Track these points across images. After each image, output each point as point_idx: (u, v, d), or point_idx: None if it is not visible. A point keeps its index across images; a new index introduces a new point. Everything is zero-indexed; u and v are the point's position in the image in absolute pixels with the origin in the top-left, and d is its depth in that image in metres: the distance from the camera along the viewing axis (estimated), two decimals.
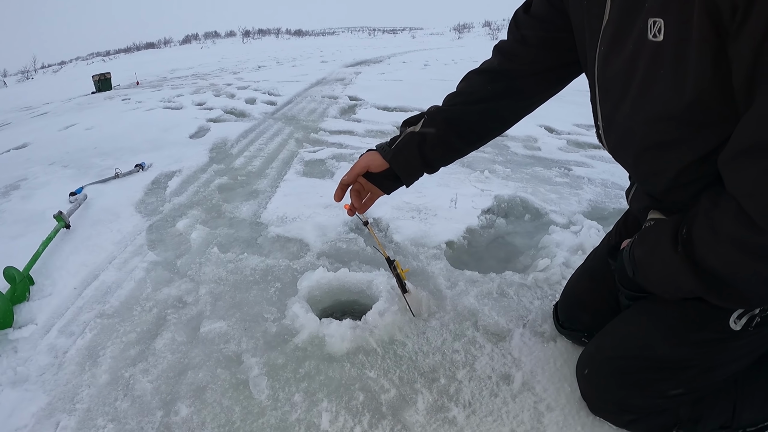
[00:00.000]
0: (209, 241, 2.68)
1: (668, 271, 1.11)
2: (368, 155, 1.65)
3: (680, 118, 1.01)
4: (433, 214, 2.88)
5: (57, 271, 2.42)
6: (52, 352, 1.86)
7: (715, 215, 0.98)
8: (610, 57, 1.15)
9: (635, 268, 1.24)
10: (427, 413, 1.52)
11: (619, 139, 1.26)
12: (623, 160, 1.31)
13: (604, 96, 1.25)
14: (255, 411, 1.54)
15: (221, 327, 1.93)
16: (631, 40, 1.05)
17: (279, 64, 17.17)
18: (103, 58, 61.57)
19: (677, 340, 1.27)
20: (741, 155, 0.90)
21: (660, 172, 1.16)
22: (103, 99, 10.13)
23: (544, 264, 2.28)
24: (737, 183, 0.93)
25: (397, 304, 1.93)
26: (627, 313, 1.46)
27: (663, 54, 0.98)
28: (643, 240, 1.23)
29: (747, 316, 1.16)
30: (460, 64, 14.70)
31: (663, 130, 1.07)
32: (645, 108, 1.08)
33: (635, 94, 1.09)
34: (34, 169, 4.28)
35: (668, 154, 1.10)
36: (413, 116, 1.66)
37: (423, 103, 6.51)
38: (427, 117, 1.61)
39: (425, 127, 1.59)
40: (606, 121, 1.28)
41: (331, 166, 3.97)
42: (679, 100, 0.99)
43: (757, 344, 1.26)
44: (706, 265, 1.02)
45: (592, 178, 3.64)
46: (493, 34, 61.67)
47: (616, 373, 1.39)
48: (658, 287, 1.20)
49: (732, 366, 1.31)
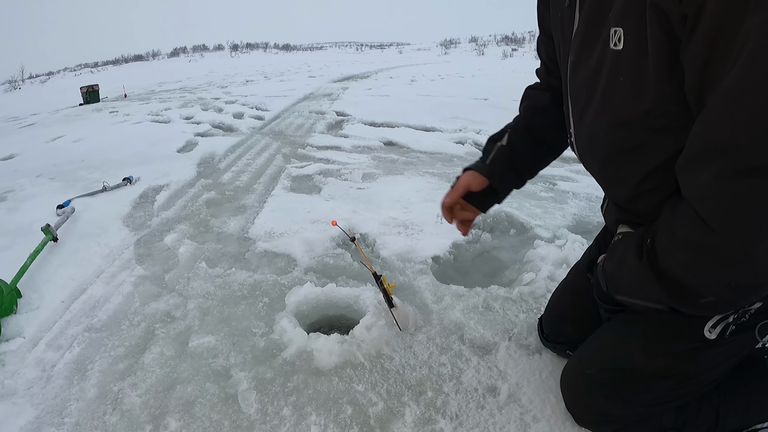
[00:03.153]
0: (197, 255, 2.69)
1: (635, 282, 1.15)
2: (467, 175, 1.63)
3: (640, 124, 1.05)
4: (419, 230, 2.91)
5: (45, 284, 2.41)
6: (40, 366, 1.85)
7: (674, 222, 1.02)
8: (578, 66, 1.19)
9: (607, 282, 1.28)
10: (415, 426, 1.54)
11: (586, 146, 1.30)
12: (591, 168, 1.35)
13: (573, 103, 1.29)
14: (244, 425, 1.55)
15: (210, 341, 1.94)
16: (596, 50, 1.09)
17: (267, 79, 17.24)
18: (91, 70, 61.29)
19: (654, 352, 1.31)
20: (693, 161, 0.94)
21: (623, 179, 1.20)
22: (90, 111, 10.12)
23: (529, 278, 2.31)
24: (691, 188, 0.97)
25: (384, 319, 1.95)
26: (606, 327, 1.49)
27: (623, 62, 1.02)
28: (612, 254, 1.27)
29: (721, 324, 1.19)
30: (447, 80, 14.86)
31: (624, 137, 1.10)
32: (607, 114, 1.11)
33: (598, 100, 1.13)
34: (21, 181, 4.26)
35: (630, 161, 1.14)
36: (498, 132, 1.68)
37: (410, 119, 6.62)
38: (511, 130, 1.63)
39: (511, 140, 1.61)
40: (576, 129, 1.32)
41: (319, 181, 3.99)
42: (639, 106, 1.02)
43: (734, 351, 1.29)
44: (669, 273, 1.05)
45: (577, 192, 3.69)
46: (479, 50, 62.28)
47: (597, 384, 1.42)
48: (629, 299, 1.24)
49: (710, 374, 1.33)
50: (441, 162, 4.63)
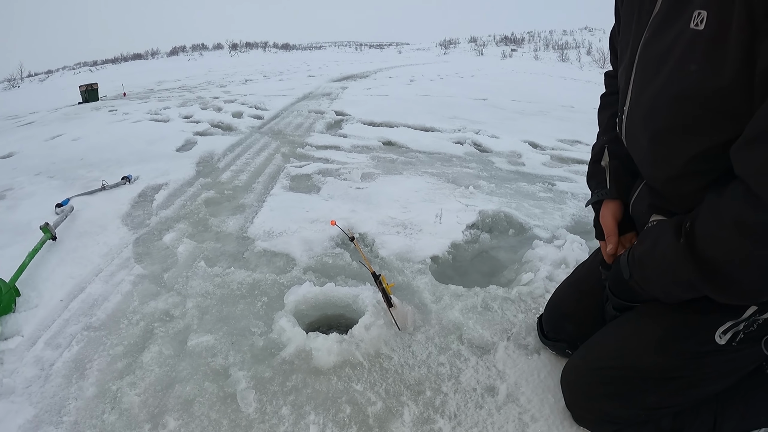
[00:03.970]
0: (196, 254, 2.69)
1: (668, 263, 1.16)
2: (606, 214, 1.55)
3: (705, 102, 1.07)
4: (418, 230, 2.92)
5: (43, 282, 2.41)
6: (39, 364, 1.85)
7: (720, 202, 1.04)
8: (652, 41, 1.22)
9: (633, 268, 1.28)
10: (414, 425, 1.54)
11: (640, 119, 1.29)
12: (637, 143, 1.34)
13: (638, 77, 1.30)
14: (243, 424, 1.56)
15: (208, 340, 1.94)
16: (675, 28, 1.13)
17: (266, 78, 17.22)
18: (90, 68, 61.15)
19: (663, 351, 1.31)
20: (753, 140, 0.97)
21: (673, 156, 1.20)
22: (89, 110, 10.10)
23: (528, 278, 2.32)
24: (747, 165, 0.99)
25: (383, 318, 1.95)
26: (614, 324, 1.49)
27: (701, 42, 1.04)
28: (644, 238, 1.28)
29: (732, 331, 1.21)
30: (446, 80, 14.87)
31: (686, 112, 1.12)
32: (675, 87, 1.13)
33: (667, 74, 1.15)
34: (19, 179, 4.26)
35: (686, 137, 1.15)
36: (595, 152, 1.66)
37: (409, 119, 6.63)
38: (608, 145, 1.60)
39: (612, 157, 1.58)
40: (632, 102, 1.32)
41: (318, 181, 3.99)
42: (709, 84, 1.04)
43: (740, 364, 1.31)
44: (706, 255, 1.06)
45: (575, 192, 3.70)
46: (478, 50, 62.31)
47: (601, 382, 1.43)
48: (654, 284, 1.24)
49: (714, 385, 1.35)
50: (440, 162, 4.63)
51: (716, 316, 1.22)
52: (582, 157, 4.92)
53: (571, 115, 7.77)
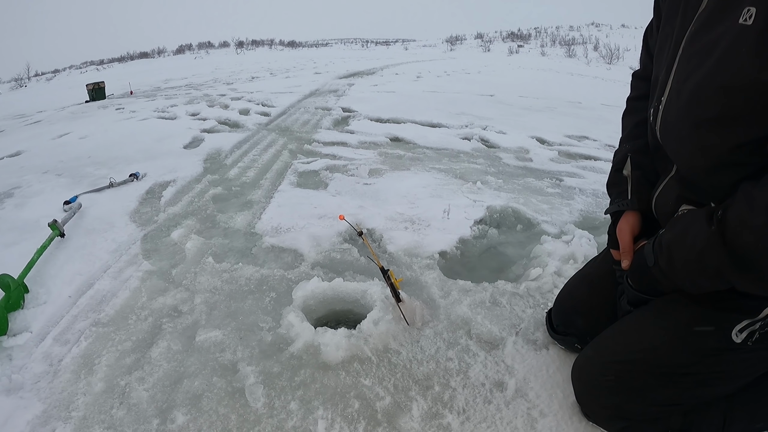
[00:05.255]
0: (204, 251, 2.70)
1: (697, 250, 1.14)
2: (623, 227, 1.53)
3: (751, 92, 1.06)
4: (426, 225, 2.91)
5: (51, 279, 2.42)
6: (47, 360, 1.86)
7: (755, 192, 1.04)
8: (698, 34, 1.22)
9: (659, 255, 1.27)
10: (422, 420, 1.54)
11: (681, 108, 1.27)
12: (677, 132, 1.32)
13: (683, 66, 1.29)
14: (251, 419, 1.56)
15: (217, 336, 1.95)
16: (722, 24, 1.13)
17: (272, 75, 17.21)
18: (96, 67, 61.31)
19: (679, 345, 1.30)
20: None
21: (713, 147, 1.19)
22: (96, 108, 10.12)
23: (536, 273, 2.31)
24: None
25: (392, 313, 1.95)
26: (628, 318, 1.48)
27: (749, 35, 1.05)
28: (674, 224, 1.26)
29: (748, 330, 1.21)
30: (453, 76, 14.81)
31: (731, 102, 1.11)
32: (721, 77, 1.13)
33: (714, 64, 1.15)
34: (27, 177, 4.27)
35: (728, 127, 1.14)
36: (617, 160, 1.64)
37: (416, 115, 6.61)
38: (631, 154, 1.59)
39: (635, 167, 1.57)
40: (672, 93, 1.31)
41: (325, 177, 3.99)
42: (756, 76, 1.04)
43: (754, 366, 1.31)
44: (737, 243, 1.05)
45: (584, 188, 3.69)
46: (485, 46, 62.11)
47: (615, 377, 1.42)
48: (680, 272, 1.22)
49: (727, 385, 1.34)
50: (447, 158, 4.62)
51: (734, 313, 1.22)
52: (590, 153, 4.90)
53: (578, 111, 7.74)
